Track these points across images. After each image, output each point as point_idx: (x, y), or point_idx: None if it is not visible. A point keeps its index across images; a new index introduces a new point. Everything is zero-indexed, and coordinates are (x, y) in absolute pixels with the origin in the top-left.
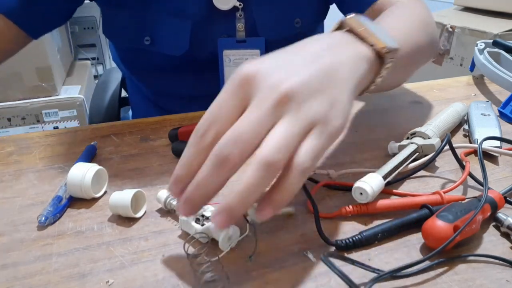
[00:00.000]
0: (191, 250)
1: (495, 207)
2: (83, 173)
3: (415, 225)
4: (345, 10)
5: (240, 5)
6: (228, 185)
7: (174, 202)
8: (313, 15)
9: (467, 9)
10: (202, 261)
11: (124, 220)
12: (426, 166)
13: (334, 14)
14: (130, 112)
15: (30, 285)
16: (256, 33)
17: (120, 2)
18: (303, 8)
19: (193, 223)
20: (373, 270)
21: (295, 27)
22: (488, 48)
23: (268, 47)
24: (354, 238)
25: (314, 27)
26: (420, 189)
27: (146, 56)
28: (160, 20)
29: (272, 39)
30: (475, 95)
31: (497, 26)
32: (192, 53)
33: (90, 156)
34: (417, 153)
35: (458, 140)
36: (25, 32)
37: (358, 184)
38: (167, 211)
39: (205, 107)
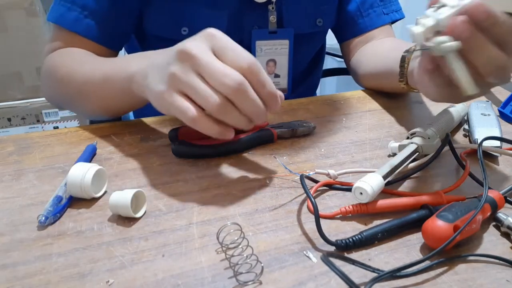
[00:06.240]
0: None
1: (495, 207)
2: (83, 173)
3: (415, 225)
4: (342, 31)
5: None
6: None
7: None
8: (331, 21)
9: None
10: (237, 252)
11: (124, 220)
12: (426, 166)
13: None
14: (131, 112)
15: (30, 285)
16: (282, 26)
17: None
18: (326, 11)
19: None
20: (373, 270)
21: (317, 26)
22: None
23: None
24: (354, 238)
25: (327, 30)
26: (420, 189)
27: None
28: (198, 12)
29: (295, 33)
30: None
31: None
32: None
33: (90, 156)
34: (417, 153)
35: (458, 140)
36: (109, 48)
37: (358, 184)
38: None
39: None
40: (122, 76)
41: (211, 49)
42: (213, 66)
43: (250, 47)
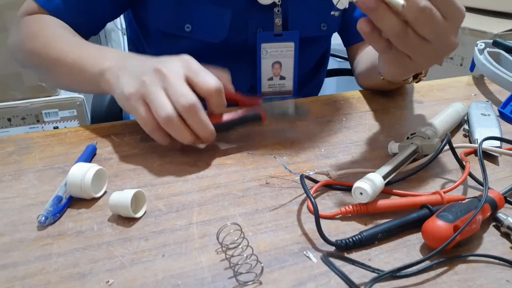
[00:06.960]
0: (223, 241)
1: (495, 207)
2: (83, 173)
3: (415, 225)
4: (348, 36)
5: (279, 1)
6: None
7: None
8: (335, 25)
9: (467, 9)
10: (237, 252)
11: (124, 220)
12: (426, 166)
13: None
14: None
15: (30, 285)
16: (287, 29)
17: None
18: (330, 16)
19: None
20: (373, 270)
21: (321, 30)
22: (488, 48)
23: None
24: (354, 238)
25: (331, 35)
26: (420, 189)
27: (181, 44)
28: (201, 8)
29: (300, 36)
30: (475, 95)
31: (497, 26)
32: (228, 42)
33: (90, 156)
34: (417, 153)
35: (458, 140)
36: (78, 31)
37: (358, 184)
38: None
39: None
40: (94, 70)
41: (184, 73)
42: (175, 86)
43: (254, 48)
